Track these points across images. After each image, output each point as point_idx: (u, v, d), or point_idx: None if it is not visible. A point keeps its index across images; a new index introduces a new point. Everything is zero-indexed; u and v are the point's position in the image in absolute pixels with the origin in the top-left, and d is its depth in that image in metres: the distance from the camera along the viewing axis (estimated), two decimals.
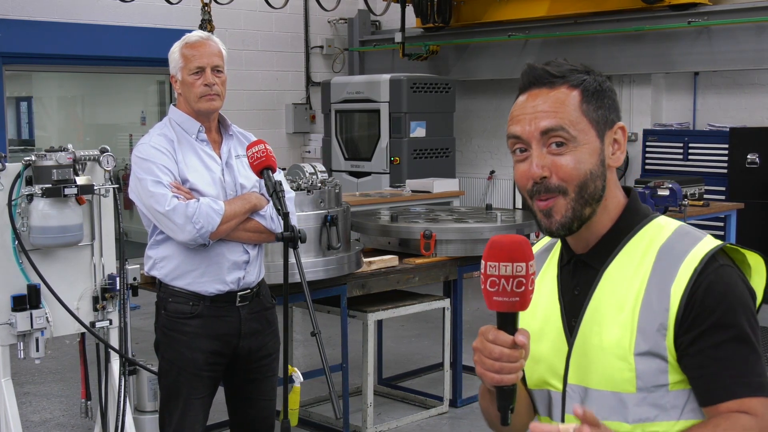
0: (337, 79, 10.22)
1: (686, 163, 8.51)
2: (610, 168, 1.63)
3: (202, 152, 3.31)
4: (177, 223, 3.15)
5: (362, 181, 9.73)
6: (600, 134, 1.61)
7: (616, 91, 1.67)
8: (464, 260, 5.32)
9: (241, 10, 9.87)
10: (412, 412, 5.43)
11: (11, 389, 3.75)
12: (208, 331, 3.29)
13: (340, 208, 4.58)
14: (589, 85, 1.61)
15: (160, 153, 3.24)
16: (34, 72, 10.91)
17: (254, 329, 3.38)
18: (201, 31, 3.45)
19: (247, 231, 3.27)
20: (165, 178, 3.19)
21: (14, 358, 3.78)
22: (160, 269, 3.32)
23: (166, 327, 3.33)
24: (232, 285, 3.30)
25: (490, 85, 10.59)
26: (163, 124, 3.40)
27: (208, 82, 3.26)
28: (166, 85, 10.50)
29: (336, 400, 2.79)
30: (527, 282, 1.44)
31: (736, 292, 1.53)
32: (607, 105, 1.62)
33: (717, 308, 1.50)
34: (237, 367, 3.42)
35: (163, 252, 3.31)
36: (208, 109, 3.30)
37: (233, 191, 3.30)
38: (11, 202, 3.63)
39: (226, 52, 3.39)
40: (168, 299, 3.32)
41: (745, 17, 8.14)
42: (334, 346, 5.62)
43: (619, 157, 1.64)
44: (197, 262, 3.26)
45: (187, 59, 3.28)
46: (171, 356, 3.33)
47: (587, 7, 9.03)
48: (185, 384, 3.31)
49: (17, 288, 3.68)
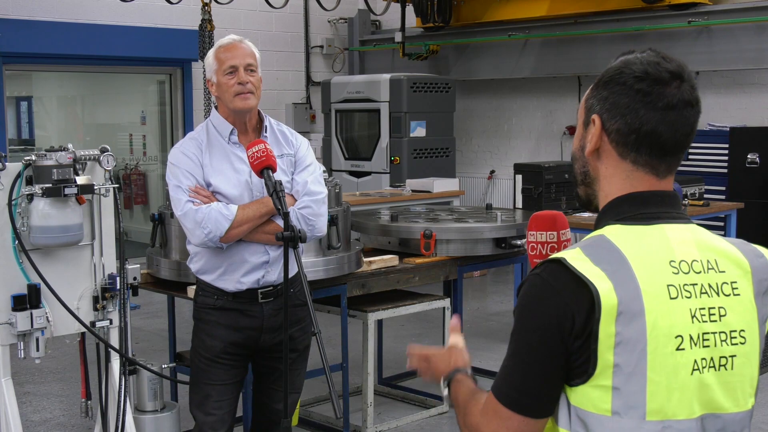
0: (337, 78, 10.22)
1: (686, 162, 8.51)
2: (593, 155, 1.64)
3: (232, 155, 3.38)
4: (188, 228, 3.30)
5: (362, 181, 9.73)
6: (585, 120, 1.66)
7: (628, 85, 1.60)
8: (464, 260, 5.32)
9: (241, 10, 9.88)
10: (412, 412, 5.43)
11: (11, 389, 3.75)
12: (230, 322, 3.42)
13: (340, 208, 4.58)
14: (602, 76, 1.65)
15: (185, 158, 3.35)
16: (34, 72, 10.90)
17: (280, 325, 3.42)
18: (234, 35, 3.52)
19: (266, 233, 3.33)
20: (185, 182, 3.30)
21: (14, 357, 3.78)
22: (195, 263, 3.48)
23: (195, 317, 3.52)
24: (251, 284, 3.39)
25: (490, 85, 10.59)
26: (201, 127, 3.49)
27: (241, 80, 3.33)
28: (166, 85, 10.50)
29: (336, 399, 2.79)
30: (559, 247, 1.87)
31: (522, 299, 1.55)
32: (597, 96, 1.63)
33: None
34: (263, 359, 3.54)
35: (195, 248, 3.44)
36: (244, 108, 3.37)
37: (260, 192, 3.35)
38: (11, 202, 3.63)
39: (259, 54, 3.48)
40: (199, 291, 3.50)
41: (745, 17, 8.15)
42: (334, 346, 5.62)
43: (587, 147, 1.65)
44: (220, 261, 3.38)
45: (221, 61, 3.37)
46: (195, 343, 3.52)
47: (587, 7, 9.03)
48: (203, 370, 3.46)
49: (17, 288, 3.68)
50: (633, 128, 1.57)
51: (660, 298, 1.50)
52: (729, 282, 1.58)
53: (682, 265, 1.55)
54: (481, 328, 7.36)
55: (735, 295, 1.57)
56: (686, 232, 1.60)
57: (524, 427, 1.52)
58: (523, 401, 1.52)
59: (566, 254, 1.52)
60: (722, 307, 1.56)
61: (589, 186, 1.67)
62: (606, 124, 1.60)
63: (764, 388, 5.89)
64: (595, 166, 1.64)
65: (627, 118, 1.57)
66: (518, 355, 1.53)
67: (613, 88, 1.59)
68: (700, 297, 1.54)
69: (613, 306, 1.47)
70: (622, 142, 1.59)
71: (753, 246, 1.66)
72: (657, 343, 1.49)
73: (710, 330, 1.54)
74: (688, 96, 1.57)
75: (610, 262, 1.50)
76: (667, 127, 1.56)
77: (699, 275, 1.56)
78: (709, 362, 1.53)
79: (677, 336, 1.51)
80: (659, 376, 1.49)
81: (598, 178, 1.65)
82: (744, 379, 1.57)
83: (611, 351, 1.47)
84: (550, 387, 1.51)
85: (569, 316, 1.47)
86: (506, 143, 10.60)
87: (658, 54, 1.59)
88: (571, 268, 1.48)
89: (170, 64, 9.90)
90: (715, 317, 1.55)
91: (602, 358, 1.47)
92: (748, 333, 1.58)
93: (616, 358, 1.47)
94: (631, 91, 1.57)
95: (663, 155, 1.59)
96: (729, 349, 1.55)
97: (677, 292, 1.53)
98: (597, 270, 1.49)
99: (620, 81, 1.58)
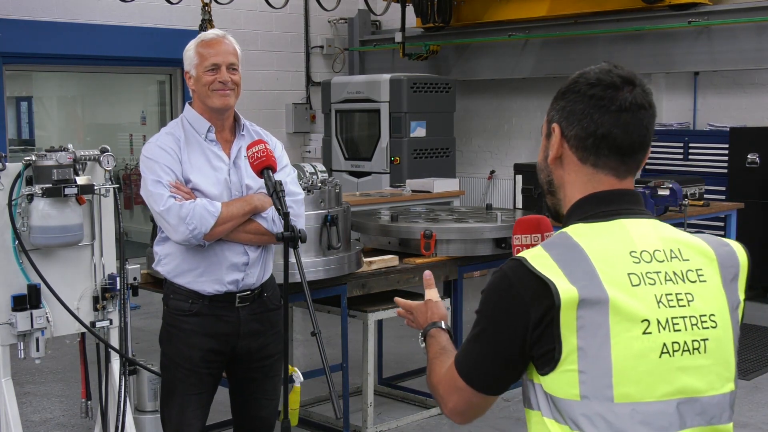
0: (337, 78, 10.22)
1: (686, 163, 8.51)
2: (555, 163, 1.72)
3: (209, 152, 3.30)
4: (171, 224, 3.17)
5: (362, 181, 9.73)
6: (547, 132, 1.74)
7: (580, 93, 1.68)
8: (464, 260, 5.32)
9: (241, 10, 9.87)
10: (412, 412, 5.43)
11: (11, 389, 3.76)
12: (206, 329, 3.31)
13: (341, 208, 4.58)
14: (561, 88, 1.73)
15: (164, 152, 3.25)
16: (34, 72, 10.91)
17: (255, 330, 3.38)
18: (217, 30, 3.45)
19: (247, 233, 3.27)
20: (165, 177, 3.20)
21: (14, 357, 3.78)
22: (164, 266, 3.35)
23: (168, 322, 3.38)
24: (230, 286, 3.30)
25: (490, 85, 10.59)
26: (175, 122, 3.40)
27: (223, 80, 3.26)
28: (166, 85, 10.50)
29: (336, 399, 2.79)
30: None
31: (487, 290, 1.66)
32: (556, 107, 1.72)
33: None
34: (238, 367, 3.44)
35: (167, 249, 3.33)
36: (221, 106, 3.29)
37: (239, 192, 3.30)
38: (11, 202, 3.63)
39: (241, 51, 3.40)
40: (170, 295, 3.36)
41: (745, 17, 8.14)
42: (334, 346, 5.62)
43: (549, 155, 1.73)
44: (197, 262, 3.27)
45: (203, 57, 3.29)
46: (169, 352, 3.38)
47: (587, 7, 9.03)
48: (182, 380, 3.34)
49: (17, 288, 3.68)
50: (589, 132, 1.65)
51: (621, 285, 1.57)
52: (694, 269, 1.63)
53: (643, 255, 1.61)
54: None
55: (701, 282, 1.63)
56: (647, 226, 1.66)
57: (475, 399, 1.69)
58: (477, 378, 1.67)
59: (528, 253, 1.61)
60: (689, 293, 1.61)
61: (554, 195, 1.76)
62: (565, 131, 1.68)
63: (764, 389, 5.90)
64: (559, 173, 1.73)
65: (583, 123, 1.66)
66: (478, 338, 1.66)
67: (569, 97, 1.68)
68: (665, 284, 1.60)
69: (573, 298, 1.54)
70: (581, 147, 1.67)
71: (718, 238, 1.72)
72: (620, 327, 1.54)
73: (679, 314, 1.59)
74: (641, 99, 1.65)
75: (569, 258, 1.58)
76: (622, 129, 1.64)
77: (662, 263, 1.62)
78: (683, 346, 1.58)
79: (643, 320, 1.56)
80: (625, 359, 1.54)
81: (562, 184, 1.73)
82: (719, 362, 1.61)
83: (574, 335, 1.54)
84: (503, 370, 1.65)
85: (525, 310, 1.56)
86: (506, 143, 10.60)
87: (611, 64, 1.68)
88: (529, 267, 1.57)
89: (170, 65, 9.89)
90: (683, 302, 1.60)
91: (566, 342, 1.54)
92: (718, 318, 1.62)
93: (580, 341, 1.54)
94: (585, 97, 1.66)
95: (621, 156, 1.67)
96: (701, 333, 1.60)
97: (639, 279, 1.58)
98: (556, 267, 1.57)
99: (575, 89, 1.67)
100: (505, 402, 5.61)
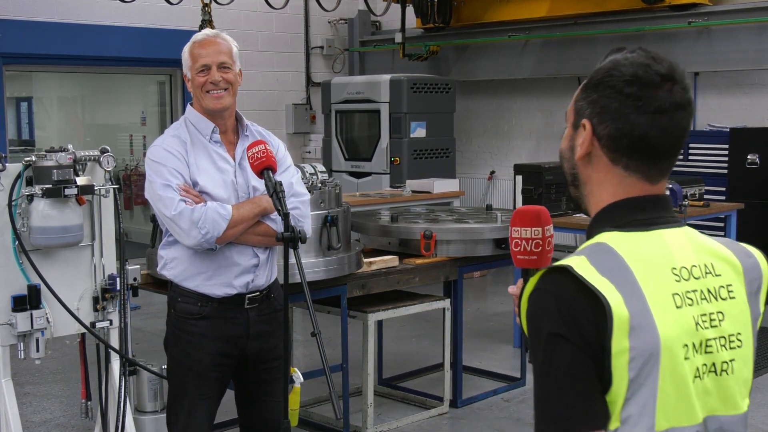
0: (337, 79, 10.22)
1: (686, 163, 8.51)
2: (583, 160, 1.61)
3: (215, 154, 3.27)
4: (183, 228, 3.13)
5: (362, 182, 9.73)
6: (575, 122, 1.62)
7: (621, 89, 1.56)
8: (464, 260, 5.32)
9: (241, 10, 9.88)
10: (412, 413, 5.43)
11: (11, 389, 3.76)
12: (215, 332, 3.28)
13: (341, 209, 4.58)
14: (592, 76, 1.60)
15: (171, 155, 3.20)
16: (34, 72, 10.92)
17: (263, 331, 3.36)
18: (210, 30, 3.41)
19: (257, 235, 3.24)
20: (174, 181, 3.16)
21: (14, 358, 3.78)
22: (171, 269, 3.30)
23: (175, 326, 3.33)
24: (240, 288, 3.28)
25: (490, 85, 10.59)
26: (179, 123, 3.35)
27: (213, 80, 3.22)
28: (166, 85, 10.51)
29: (336, 400, 2.79)
30: (544, 244, 1.76)
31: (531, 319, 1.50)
32: (587, 98, 1.59)
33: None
34: (247, 368, 3.41)
35: (174, 253, 3.29)
36: (215, 108, 3.25)
37: (245, 193, 3.27)
38: (11, 203, 3.63)
39: (237, 49, 3.34)
40: (177, 299, 3.31)
41: (745, 17, 8.15)
42: (334, 347, 5.62)
43: (577, 151, 1.61)
44: (206, 265, 3.24)
45: (195, 58, 3.26)
46: (178, 356, 3.34)
47: (587, 8, 9.03)
48: (191, 384, 3.30)
49: (17, 288, 3.68)
50: (624, 133, 1.53)
51: (667, 309, 1.48)
52: (725, 285, 1.57)
53: (682, 272, 1.53)
54: (481, 329, 7.36)
55: (731, 299, 1.57)
56: (682, 236, 1.58)
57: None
58: (580, 420, 1.43)
59: (572, 261, 1.46)
60: (720, 312, 1.55)
61: (577, 188, 1.65)
62: (596, 129, 1.56)
63: (764, 389, 5.90)
64: (586, 170, 1.62)
65: (618, 123, 1.54)
66: (551, 378, 1.44)
67: (603, 92, 1.55)
68: (700, 303, 1.53)
69: (625, 320, 1.42)
70: (614, 147, 1.56)
71: (742, 245, 1.65)
72: (669, 354, 1.46)
73: (711, 336, 1.53)
74: (680, 98, 1.54)
75: (615, 272, 1.46)
76: (659, 131, 1.53)
77: (698, 281, 1.54)
78: (710, 368, 1.52)
79: (684, 345, 1.49)
80: (669, 386, 1.47)
81: (588, 182, 1.63)
82: (740, 382, 1.57)
83: (626, 366, 1.43)
84: (596, 396, 1.43)
85: (578, 324, 1.42)
86: (506, 144, 10.60)
87: (648, 54, 1.55)
88: (579, 277, 1.43)
89: (170, 65, 9.90)
90: (715, 323, 1.54)
91: (617, 373, 1.42)
92: (743, 336, 1.57)
93: (631, 373, 1.43)
94: (621, 96, 1.53)
95: (655, 160, 1.56)
96: (728, 354, 1.54)
97: (681, 300, 1.50)
98: (605, 281, 1.44)
99: (610, 84, 1.54)
100: (505, 402, 5.61)
